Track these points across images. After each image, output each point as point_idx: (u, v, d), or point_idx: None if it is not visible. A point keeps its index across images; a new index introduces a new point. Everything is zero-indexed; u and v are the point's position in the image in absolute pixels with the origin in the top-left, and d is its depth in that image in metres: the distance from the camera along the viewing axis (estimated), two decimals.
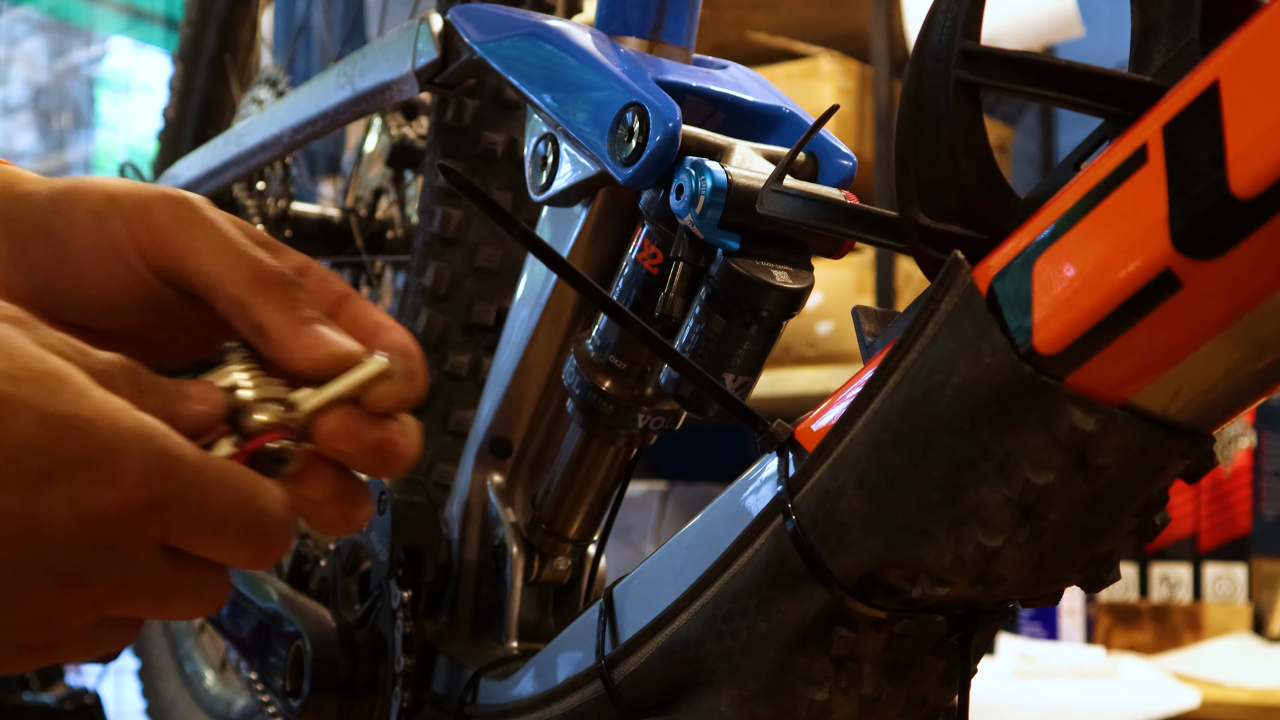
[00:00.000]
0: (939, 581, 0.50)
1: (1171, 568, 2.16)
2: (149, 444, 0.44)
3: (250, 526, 0.47)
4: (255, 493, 0.47)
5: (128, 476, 0.43)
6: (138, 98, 3.57)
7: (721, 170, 0.63)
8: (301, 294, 0.51)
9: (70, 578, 0.44)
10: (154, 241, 0.51)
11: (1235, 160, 0.39)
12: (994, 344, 0.46)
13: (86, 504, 0.43)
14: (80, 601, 0.44)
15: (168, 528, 0.45)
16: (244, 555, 0.47)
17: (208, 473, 0.46)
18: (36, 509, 0.42)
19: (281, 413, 0.49)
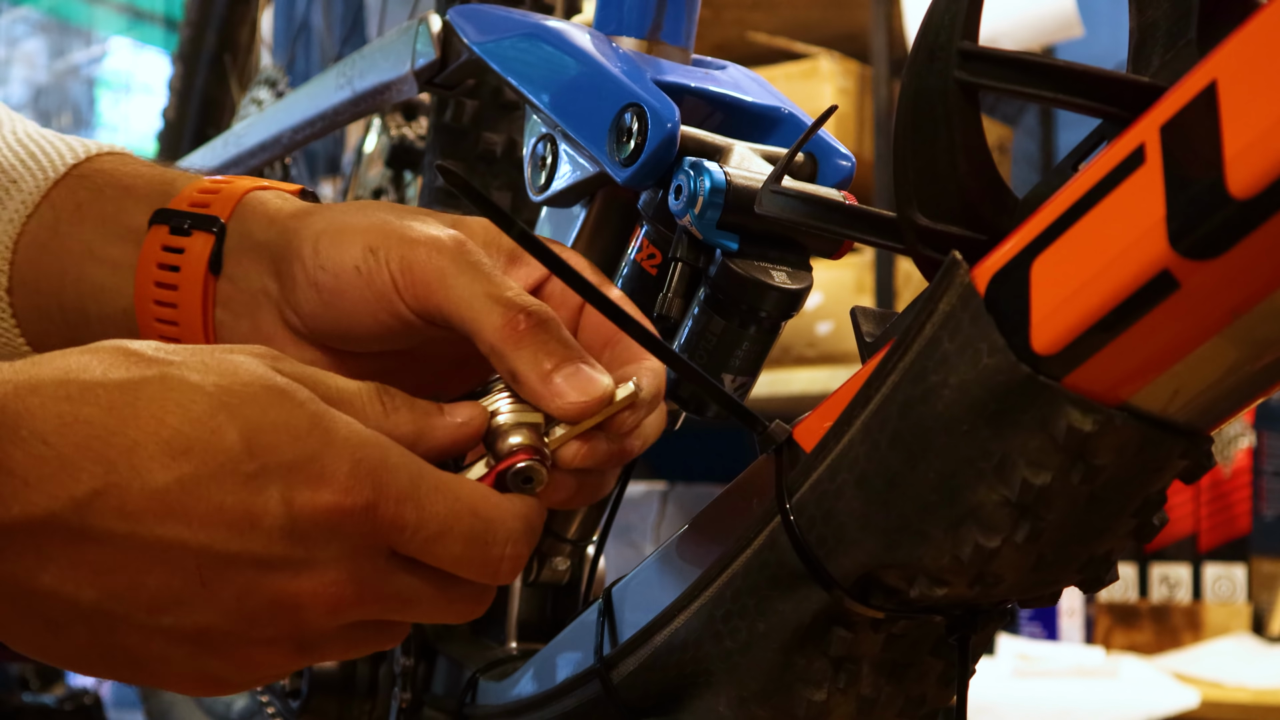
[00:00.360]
0: (937, 582, 0.50)
1: (1171, 568, 2.16)
2: (359, 451, 0.48)
3: (473, 536, 0.50)
4: (478, 503, 0.50)
5: (337, 480, 0.48)
6: (138, 98, 3.57)
7: (720, 171, 0.63)
8: (551, 337, 0.54)
9: (287, 568, 0.48)
10: (415, 294, 0.55)
11: (1233, 160, 0.39)
12: (992, 344, 0.46)
13: (297, 503, 0.47)
14: (308, 596, 0.48)
15: (385, 531, 0.49)
16: (473, 566, 0.51)
17: (425, 481, 0.49)
18: (252, 505, 0.47)
19: (532, 439, 0.53)
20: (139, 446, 0.46)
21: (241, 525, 0.47)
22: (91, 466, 0.45)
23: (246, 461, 0.47)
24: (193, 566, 0.47)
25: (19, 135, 0.70)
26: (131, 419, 0.46)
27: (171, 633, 0.48)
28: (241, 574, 0.47)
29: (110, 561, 0.46)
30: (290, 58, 1.41)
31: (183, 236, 0.61)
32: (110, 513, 0.46)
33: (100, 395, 0.47)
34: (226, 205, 0.61)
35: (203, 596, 0.47)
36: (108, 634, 0.48)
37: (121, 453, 0.46)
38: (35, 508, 0.45)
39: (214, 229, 0.61)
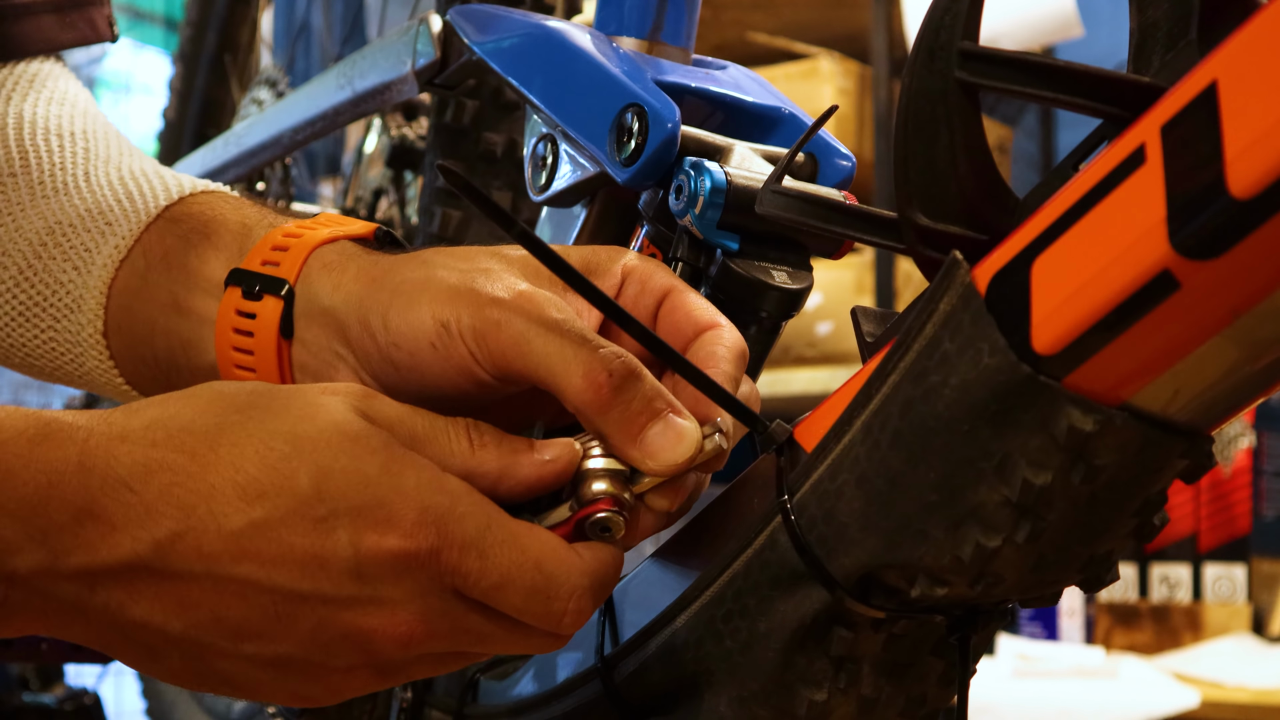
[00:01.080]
0: (938, 582, 0.50)
1: (1171, 568, 2.16)
2: (427, 498, 0.50)
3: (534, 590, 0.51)
4: (545, 557, 0.51)
5: (403, 525, 0.49)
6: (138, 98, 3.57)
7: (721, 171, 0.63)
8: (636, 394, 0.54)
9: (356, 606, 0.50)
10: (494, 362, 0.55)
11: (1233, 160, 0.39)
12: (993, 344, 0.46)
13: (364, 545, 0.49)
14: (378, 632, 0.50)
15: (449, 576, 0.50)
16: (534, 617, 0.52)
17: (492, 531, 0.51)
18: (321, 547, 0.49)
19: (615, 488, 0.53)
20: (216, 492, 0.49)
21: (311, 566, 0.49)
22: (172, 511, 0.49)
23: (316, 505, 0.49)
24: (267, 603, 0.50)
25: (122, 173, 0.73)
26: (212, 465, 0.49)
27: (255, 659, 0.51)
28: (314, 610, 0.50)
29: (191, 598, 0.50)
30: (290, 58, 1.41)
31: (254, 301, 0.62)
32: (189, 554, 0.49)
33: (185, 441, 0.50)
34: (295, 264, 0.62)
35: (279, 630, 0.50)
36: (198, 660, 0.51)
37: (200, 498, 0.49)
38: (122, 550, 0.49)
39: (282, 294, 0.61)
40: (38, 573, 0.48)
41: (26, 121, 0.76)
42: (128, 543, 0.49)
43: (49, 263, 0.71)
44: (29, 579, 0.48)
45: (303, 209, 1.26)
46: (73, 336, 0.71)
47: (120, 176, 0.72)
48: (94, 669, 1.38)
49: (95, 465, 0.49)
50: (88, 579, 0.49)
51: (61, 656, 1.27)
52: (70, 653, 1.27)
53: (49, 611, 0.50)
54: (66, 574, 0.49)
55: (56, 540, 0.48)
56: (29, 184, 0.74)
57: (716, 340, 0.56)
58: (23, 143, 0.75)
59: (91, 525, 0.48)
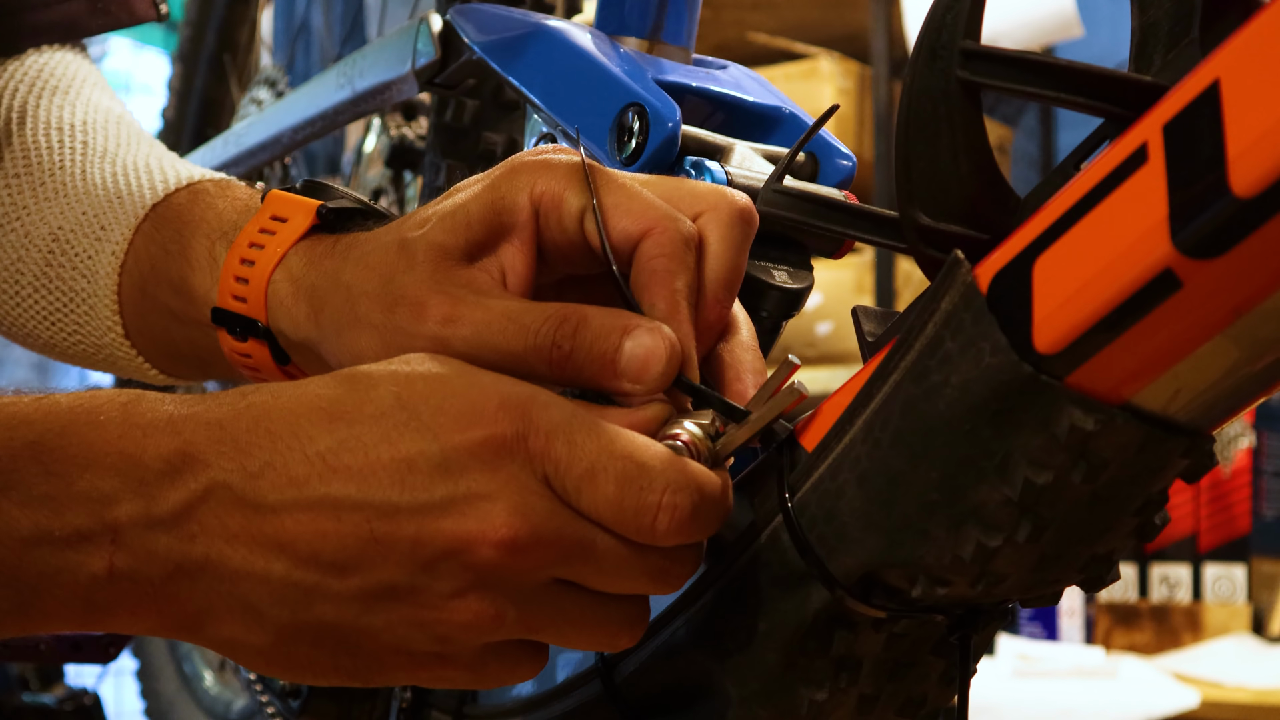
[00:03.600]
0: (939, 581, 0.50)
1: (1171, 568, 2.16)
2: (507, 389, 0.50)
3: (626, 477, 0.49)
4: (635, 448, 0.50)
5: (485, 414, 0.49)
6: (137, 98, 3.57)
7: (721, 170, 0.63)
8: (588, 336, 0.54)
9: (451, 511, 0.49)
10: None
11: (1235, 160, 0.39)
12: (994, 343, 0.46)
13: (449, 441, 0.49)
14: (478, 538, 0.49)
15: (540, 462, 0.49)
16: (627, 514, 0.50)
17: (577, 419, 0.50)
18: (406, 451, 0.49)
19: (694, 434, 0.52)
20: (300, 417, 0.50)
21: (399, 472, 0.49)
22: (260, 441, 0.49)
23: (397, 413, 0.49)
24: (362, 522, 0.49)
25: (116, 168, 0.74)
26: (295, 396, 0.51)
27: (361, 596, 0.50)
28: (409, 523, 0.49)
29: (289, 531, 0.49)
30: (290, 58, 1.41)
31: (243, 343, 0.66)
32: (281, 483, 0.49)
33: (271, 387, 0.51)
34: (259, 301, 0.64)
35: (379, 552, 0.49)
36: (306, 610, 0.50)
37: (285, 425, 0.50)
38: (213, 481, 0.49)
39: (262, 337, 0.65)
40: (138, 522, 0.49)
41: (29, 117, 0.77)
42: (220, 475, 0.49)
43: (60, 270, 0.74)
44: (130, 530, 0.48)
45: None
46: (99, 339, 0.74)
47: (114, 173, 0.74)
48: (94, 669, 1.38)
49: (187, 416, 0.50)
50: (186, 524, 0.49)
51: (61, 657, 1.27)
52: (70, 653, 1.27)
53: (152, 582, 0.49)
54: (166, 519, 0.49)
55: (154, 486, 0.49)
56: (32, 186, 0.76)
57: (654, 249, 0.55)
58: (25, 141, 0.76)
59: (185, 465, 0.49)
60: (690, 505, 0.50)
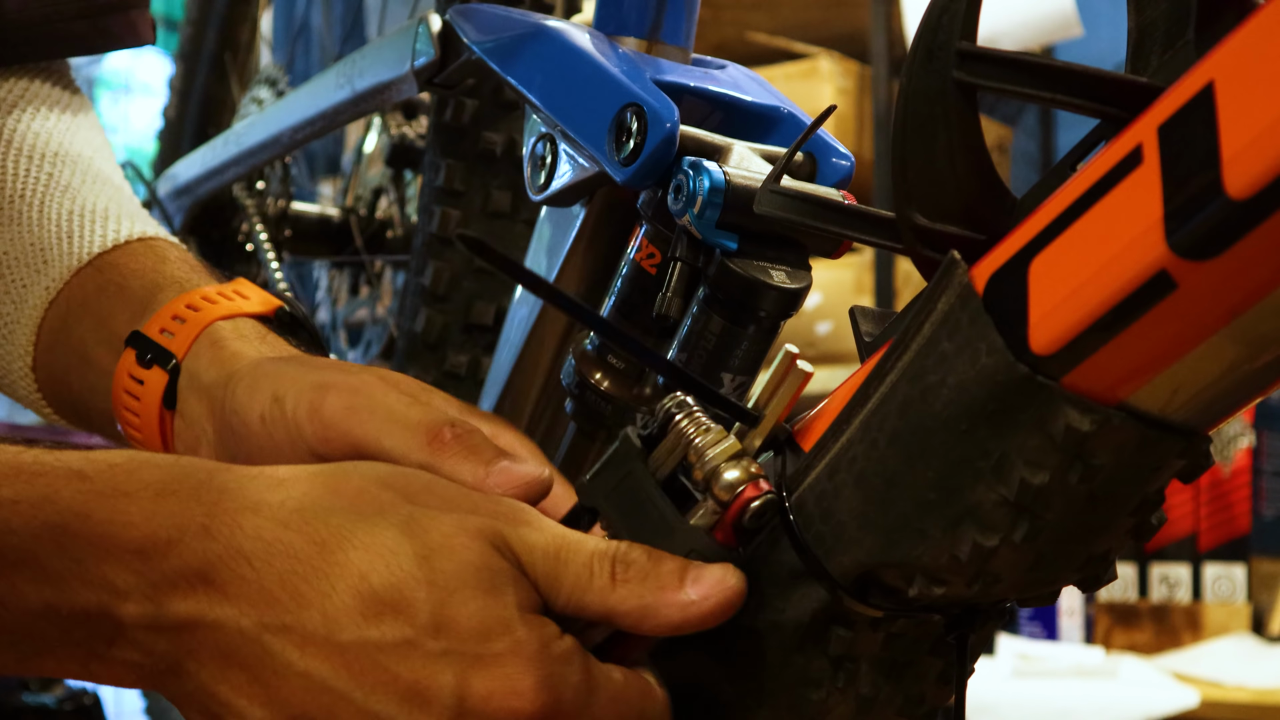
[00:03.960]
0: (936, 581, 0.50)
1: (1171, 568, 2.16)
2: (548, 667, 0.48)
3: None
4: (644, 704, 0.52)
5: (523, 690, 0.48)
6: (138, 98, 3.57)
7: (719, 170, 0.63)
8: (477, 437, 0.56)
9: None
10: (326, 437, 0.57)
11: (1230, 161, 0.39)
12: (990, 344, 0.46)
13: (472, 692, 0.48)
14: None
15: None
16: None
17: (599, 694, 0.50)
18: (427, 684, 0.48)
19: (747, 467, 0.51)
20: (336, 595, 0.48)
21: (411, 700, 0.48)
22: (287, 600, 0.48)
23: (432, 639, 0.48)
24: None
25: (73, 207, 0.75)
26: (339, 565, 0.48)
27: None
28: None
29: (281, 692, 0.48)
30: (290, 57, 1.41)
31: (144, 369, 0.66)
32: (292, 648, 0.48)
33: (316, 530, 0.49)
34: (188, 339, 0.65)
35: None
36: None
37: (318, 595, 0.48)
38: (226, 618, 0.48)
39: (168, 366, 0.65)
40: (143, 624, 0.48)
41: (3, 140, 0.78)
42: (234, 615, 0.48)
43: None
44: (134, 628, 0.48)
45: (303, 208, 1.26)
46: (7, 365, 0.75)
47: (70, 211, 0.75)
48: None
49: (219, 533, 0.48)
50: (189, 640, 0.48)
51: None
52: None
53: (145, 668, 0.49)
54: (169, 628, 0.48)
55: (167, 595, 0.48)
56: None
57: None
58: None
59: (204, 589, 0.48)
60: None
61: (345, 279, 1.26)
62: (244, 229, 1.25)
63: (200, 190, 1.24)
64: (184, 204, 1.27)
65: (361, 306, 1.22)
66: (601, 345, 0.71)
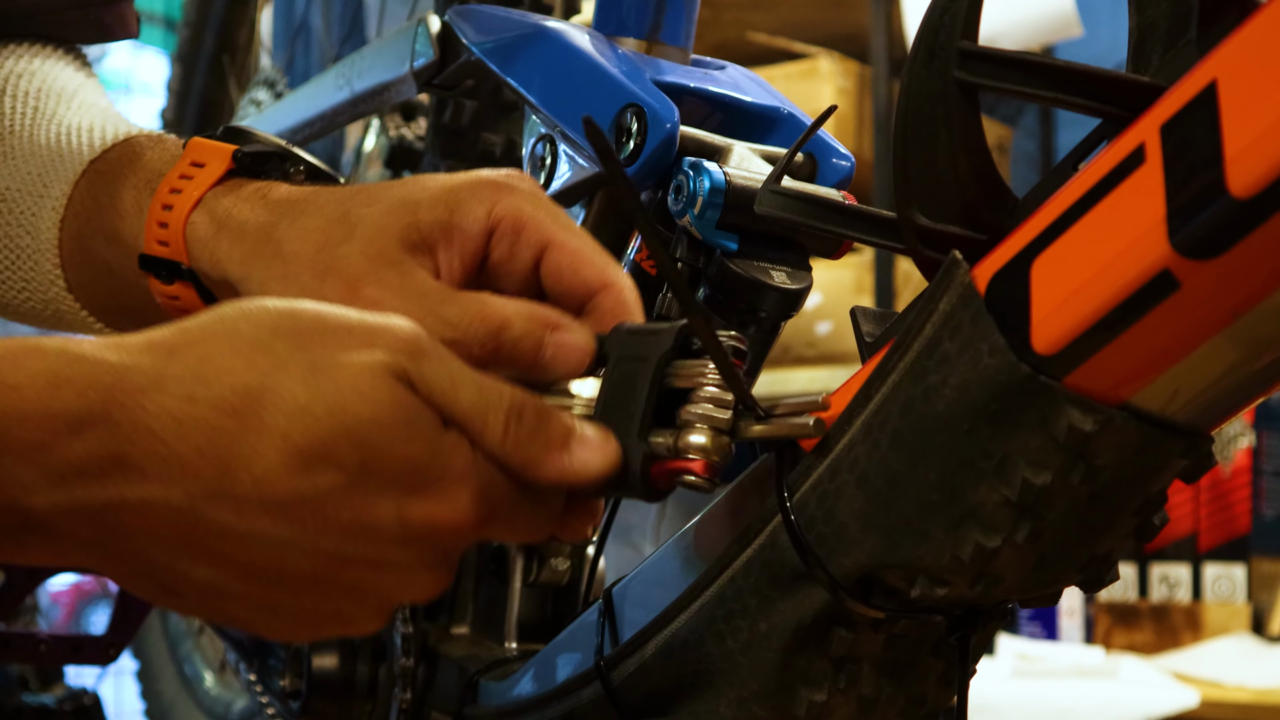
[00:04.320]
0: (938, 582, 0.50)
1: (1171, 568, 2.16)
2: (477, 479, 0.51)
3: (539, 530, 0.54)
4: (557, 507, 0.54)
5: (454, 500, 0.50)
6: (137, 99, 3.56)
7: (720, 171, 0.63)
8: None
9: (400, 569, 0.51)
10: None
11: (1233, 160, 0.39)
12: (992, 344, 0.46)
13: (412, 515, 0.50)
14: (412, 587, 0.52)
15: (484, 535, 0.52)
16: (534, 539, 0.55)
17: (524, 500, 0.52)
18: (368, 515, 0.49)
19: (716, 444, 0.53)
20: (259, 456, 0.48)
21: (356, 533, 0.49)
22: (208, 470, 0.48)
23: (364, 480, 0.49)
24: (306, 563, 0.50)
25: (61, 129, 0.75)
26: (254, 429, 0.48)
27: (280, 608, 0.51)
28: (354, 570, 0.50)
29: (224, 549, 0.49)
30: (289, 58, 1.41)
31: (170, 286, 0.67)
32: (227, 512, 0.48)
33: (225, 399, 0.48)
34: (179, 244, 0.66)
35: (315, 586, 0.50)
36: (218, 602, 0.51)
37: (242, 461, 0.48)
38: (151, 496, 0.48)
39: (187, 279, 0.66)
40: (57, 511, 0.48)
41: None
42: (158, 491, 0.48)
43: (7, 229, 0.75)
44: (47, 517, 0.48)
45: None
46: (44, 294, 0.75)
47: (58, 133, 0.75)
48: (94, 670, 1.38)
49: (123, 416, 0.48)
50: (111, 520, 0.48)
51: (61, 657, 1.27)
52: (70, 653, 1.27)
53: (66, 547, 0.49)
54: (87, 512, 0.48)
55: (78, 482, 0.47)
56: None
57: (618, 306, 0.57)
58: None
59: (118, 471, 0.47)
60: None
61: None
62: None
63: None
64: None
65: None
66: None
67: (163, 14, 3.55)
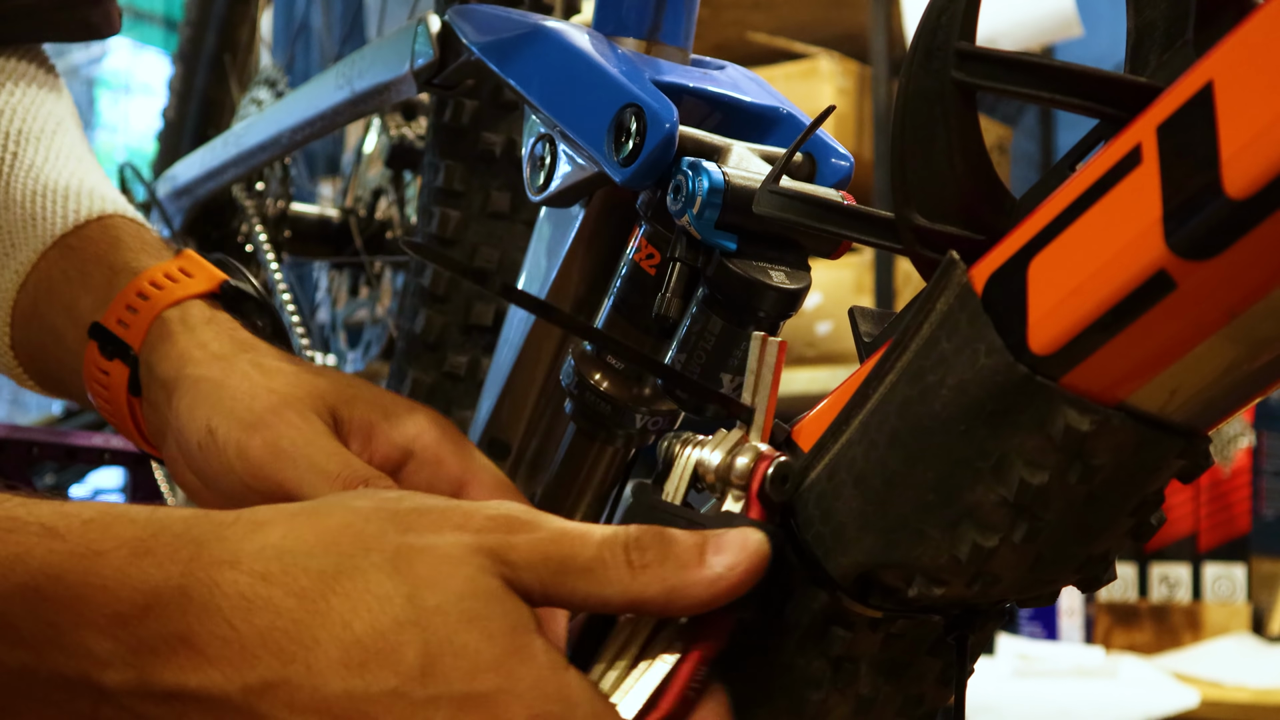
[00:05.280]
0: (935, 581, 0.50)
1: (1171, 567, 2.16)
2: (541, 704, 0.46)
3: None
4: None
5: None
6: (137, 98, 3.57)
7: (719, 171, 0.63)
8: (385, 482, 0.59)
9: None
10: (255, 477, 0.61)
11: (1229, 161, 0.39)
12: (989, 344, 0.46)
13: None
14: None
15: None
16: None
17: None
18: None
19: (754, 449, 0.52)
20: (319, 648, 0.46)
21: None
22: (269, 659, 0.46)
23: (419, 687, 0.46)
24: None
25: (37, 187, 0.77)
26: (320, 615, 0.46)
27: None
28: None
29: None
30: (290, 58, 1.41)
31: (107, 360, 0.69)
32: (280, 704, 0.46)
33: (297, 581, 0.47)
34: (141, 329, 0.68)
35: None
36: None
37: (301, 649, 0.46)
38: (212, 685, 0.46)
39: (128, 359, 0.68)
40: (127, 691, 0.46)
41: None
42: (218, 679, 0.46)
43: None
44: (118, 695, 0.47)
45: (302, 209, 1.26)
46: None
47: (34, 191, 0.77)
48: None
49: (196, 592, 0.46)
50: (178, 707, 0.47)
51: None
52: None
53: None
54: (156, 696, 0.46)
55: (149, 661, 0.46)
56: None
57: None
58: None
59: (185, 653, 0.46)
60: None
61: (345, 280, 1.26)
62: (243, 230, 1.25)
63: (200, 191, 1.24)
64: (183, 205, 1.27)
65: (361, 307, 1.22)
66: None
67: (163, 14, 3.55)
